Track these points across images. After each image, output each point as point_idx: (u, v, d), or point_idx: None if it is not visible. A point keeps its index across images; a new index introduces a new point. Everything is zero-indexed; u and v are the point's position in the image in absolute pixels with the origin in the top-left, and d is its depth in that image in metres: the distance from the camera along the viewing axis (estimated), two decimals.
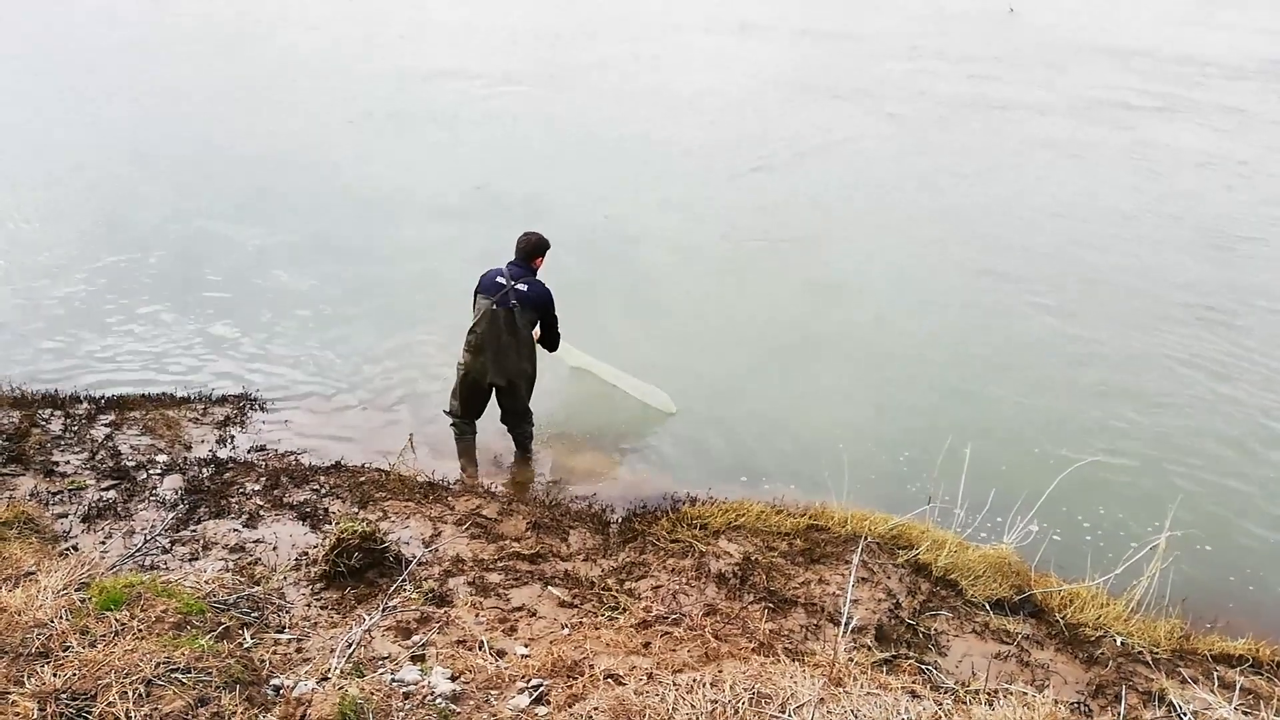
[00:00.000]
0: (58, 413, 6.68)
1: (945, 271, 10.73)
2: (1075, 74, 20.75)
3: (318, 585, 4.74)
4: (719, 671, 3.67)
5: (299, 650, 4.07)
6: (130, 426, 6.60)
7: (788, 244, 11.33)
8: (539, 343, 6.60)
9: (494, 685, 3.74)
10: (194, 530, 5.24)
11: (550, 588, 4.92)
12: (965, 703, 3.73)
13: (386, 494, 5.88)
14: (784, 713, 3.34)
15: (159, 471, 5.96)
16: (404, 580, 4.74)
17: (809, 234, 11.67)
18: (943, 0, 32.06)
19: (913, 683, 4.09)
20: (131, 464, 6.03)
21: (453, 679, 3.75)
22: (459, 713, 3.49)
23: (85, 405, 6.87)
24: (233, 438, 6.71)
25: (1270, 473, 7.27)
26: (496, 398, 6.62)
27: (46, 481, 5.67)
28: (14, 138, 13.97)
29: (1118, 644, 5.00)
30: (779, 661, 3.93)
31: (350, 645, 3.95)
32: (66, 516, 5.28)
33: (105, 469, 5.92)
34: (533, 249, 6.42)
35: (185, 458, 6.25)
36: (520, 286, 6.30)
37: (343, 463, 6.37)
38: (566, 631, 4.47)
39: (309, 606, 4.56)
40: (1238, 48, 23.83)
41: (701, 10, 25.84)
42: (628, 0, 26.77)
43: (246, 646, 3.90)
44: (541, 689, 3.67)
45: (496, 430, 6.87)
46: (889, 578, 5.34)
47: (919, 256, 11.07)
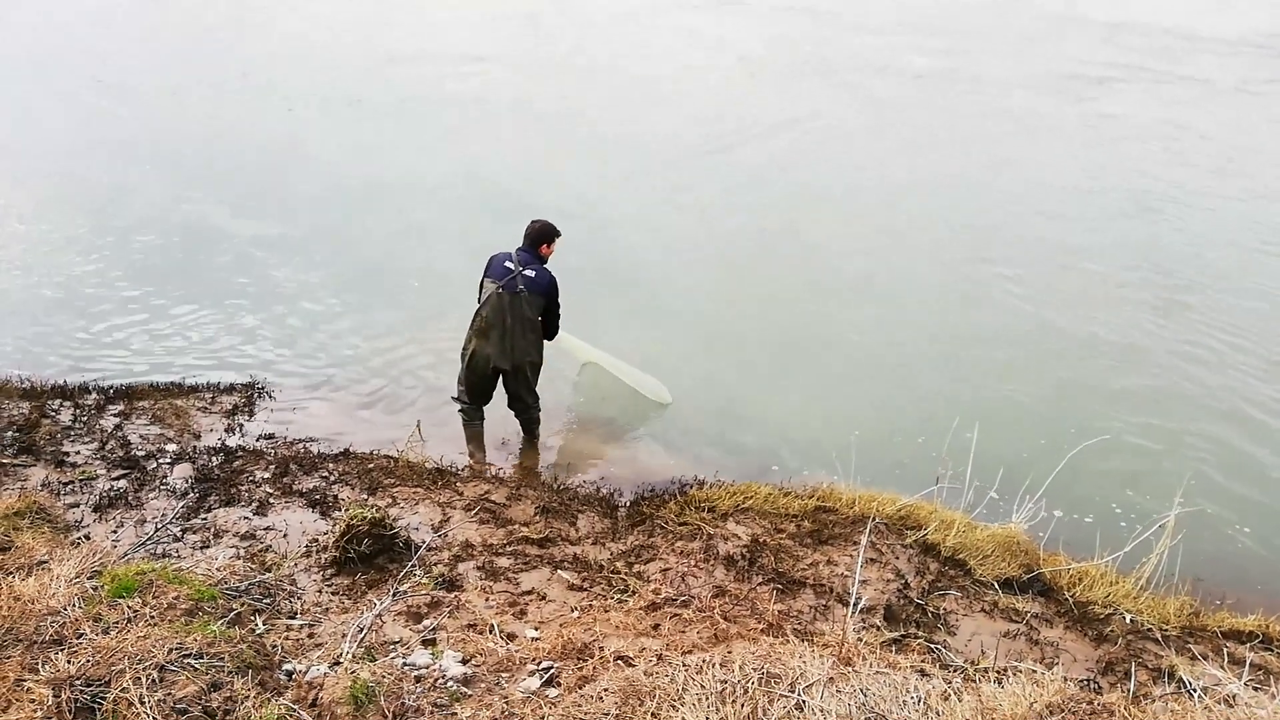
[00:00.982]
0: (67, 403, 6.71)
1: (943, 256, 10.67)
2: (1059, 47, 20.64)
3: (328, 571, 4.77)
4: (728, 652, 3.69)
5: (311, 635, 4.10)
6: (139, 416, 6.63)
7: (774, 230, 11.28)
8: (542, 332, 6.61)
9: (505, 668, 3.76)
10: (204, 518, 5.27)
11: (559, 571, 4.95)
12: (974, 681, 3.74)
13: (395, 480, 5.90)
14: (793, 692, 3.35)
15: (169, 460, 5.99)
16: (414, 565, 4.76)
17: (794, 218, 11.61)
18: None
19: (922, 661, 4.10)
20: (141, 453, 6.06)
21: (464, 662, 3.77)
22: (470, 695, 3.52)
23: (94, 395, 6.90)
24: (241, 426, 6.74)
25: None
26: (503, 382, 6.63)
27: (58, 472, 5.71)
28: (8, 133, 13.98)
29: (1127, 621, 5.01)
30: (788, 642, 3.94)
31: (361, 630, 3.97)
32: (78, 506, 5.32)
33: (115, 459, 5.95)
34: (541, 236, 6.42)
35: (195, 446, 6.28)
36: (528, 272, 6.30)
37: (351, 450, 6.39)
38: (576, 614, 4.49)
39: (320, 592, 4.59)
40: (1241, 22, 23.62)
41: None
42: None
43: (259, 632, 3.93)
44: (552, 671, 3.70)
45: (504, 415, 6.88)
46: (897, 558, 5.34)
47: (912, 243, 10.97)
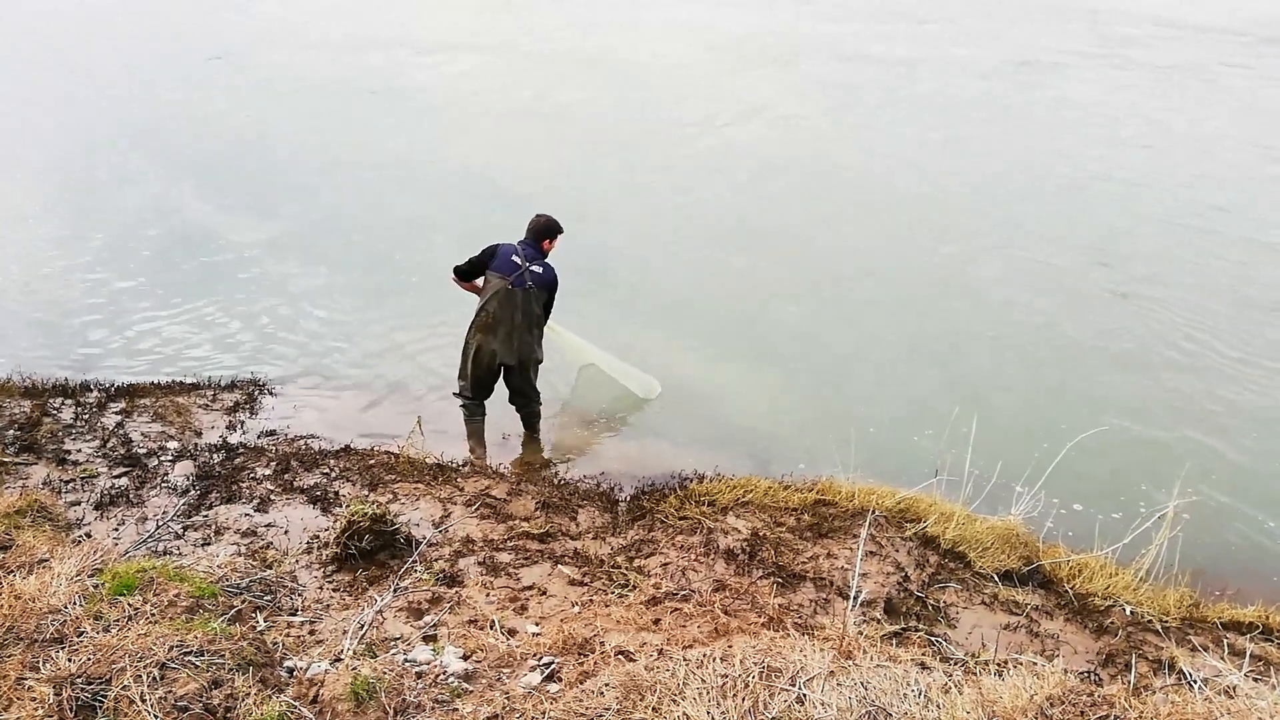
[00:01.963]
0: (68, 401, 6.71)
1: (934, 246, 10.66)
2: (1040, 31, 20.73)
3: (329, 568, 4.77)
4: (729, 646, 3.69)
5: (312, 632, 4.11)
6: (140, 414, 6.64)
7: (763, 221, 11.27)
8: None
9: (506, 663, 3.77)
10: (206, 515, 5.28)
11: (560, 566, 4.95)
12: (975, 673, 3.75)
13: (396, 476, 5.91)
14: (794, 686, 3.36)
15: (170, 458, 6.00)
16: (415, 561, 4.77)
17: (779, 208, 11.62)
18: None
19: (922, 654, 4.10)
20: (143, 451, 6.07)
21: (465, 658, 3.78)
22: (471, 691, 3.52)
23: (95, 393, 6.91)
24: (242, 423, 6.75)
25: None
26: (505, 378, 6.64)
27: (59, 470, 5.71)
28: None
29: (1127, 613, 5.01)
30: (788, 635, 3.95)
31: (362, 626, 3.98)
32: (79, 504, 5.33)
33: (117, 456, 5.96)
34: (545, 231, 6.45)
35: (196, 444, 6.29)
36: (535, 268, 6.32)
37: (352, 446, 6.40)
38: (577, 609, 4.50)
39: (321, 589, 4.59)
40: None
41: None
42: None
43: (259, 629, 3.94)
44: (553, 666, 3.70)
45: (504, 411, 6.89)
46: (897, 551, 5.35)
47: (910, 236, 10.98)
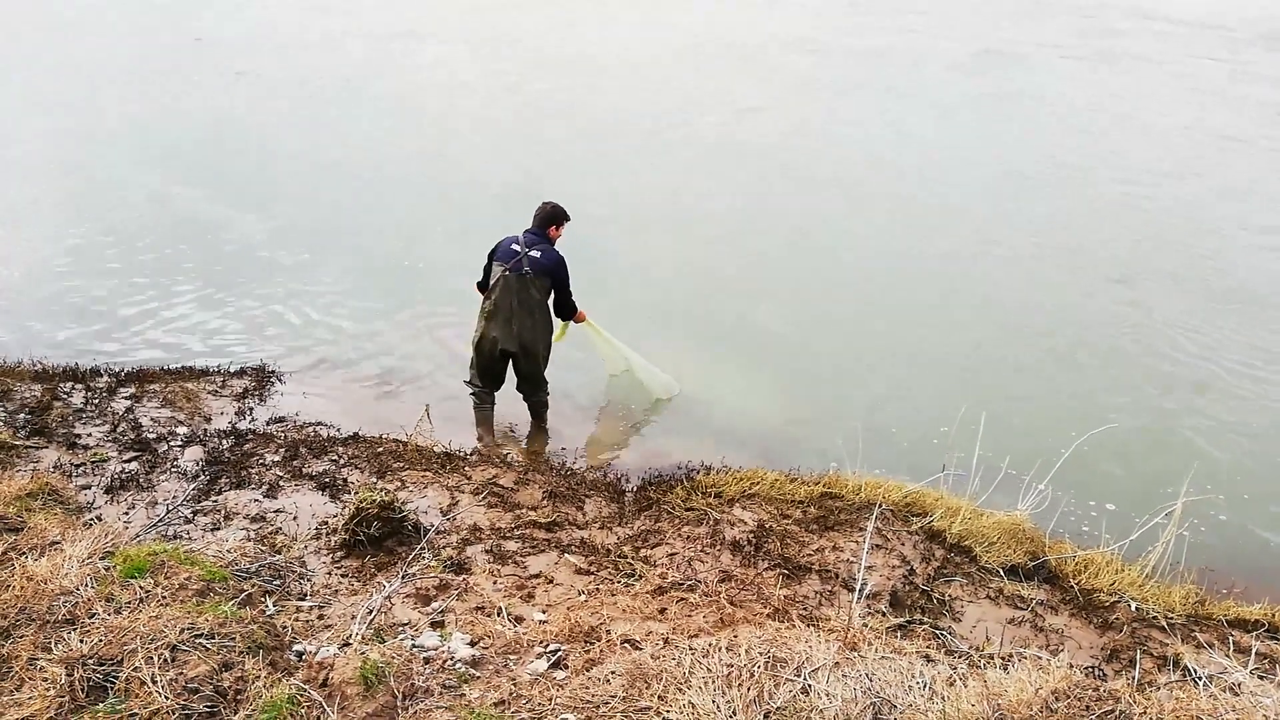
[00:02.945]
0: (79, 386, 6.75)
1: (953, 243, 10.66)
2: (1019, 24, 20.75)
3: (338, 554, 4.80)
4: (734, 636, 3.71)
5: (320, 617, 4.13)
6: (150, 399, 6.67)
7: (765, 211, 11.28)
8: (554, 310, 6.62)
9: (512, 650, 3.79)
10: (215, 501, 5.31)
11: (567, 555, 4.97)
12: (980, 666, 3.76)
13: (404, 464, 5.93)
14: (799, 676, 3.37)
15: (180, 443, 6.03)
16: (423, 548, 4.79)
17: (781, 201, 11.63)
18: None
19: (927, 647, 4.12)
20: (152, 436, 6.10)
21: (472, 644, 3.80)
22: (478, 677, 3.55)
23: (105, 378, 6.94)
24: (252, 409, 6.77)
25: None
26: (512, 365, 6.66)
27: (69, 454, 5.75)
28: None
29: (1132, 609, 5.02)
30: (794, 627, 3.96)
31: (371, 612, 4.01)
32: (90, 488, 5.36)
33: (127, 441, 5.99)
34: (550, 218, 6.48)
35: (205, 429, 6.32)
36: (534, 253, 6.34)
37: (360, 433, 6.42)
38: (583, 598, 4.52)
39: (330, 574, 4.62)
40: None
41: None
42: None
43: (269, 613, 3.96)
44: (559, 654, 3.72)
45: (512, 399, 6.91)
46: (903, 544, 5.36)
47: (916, 230, 10.98)
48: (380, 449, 6.15)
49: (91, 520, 4.85)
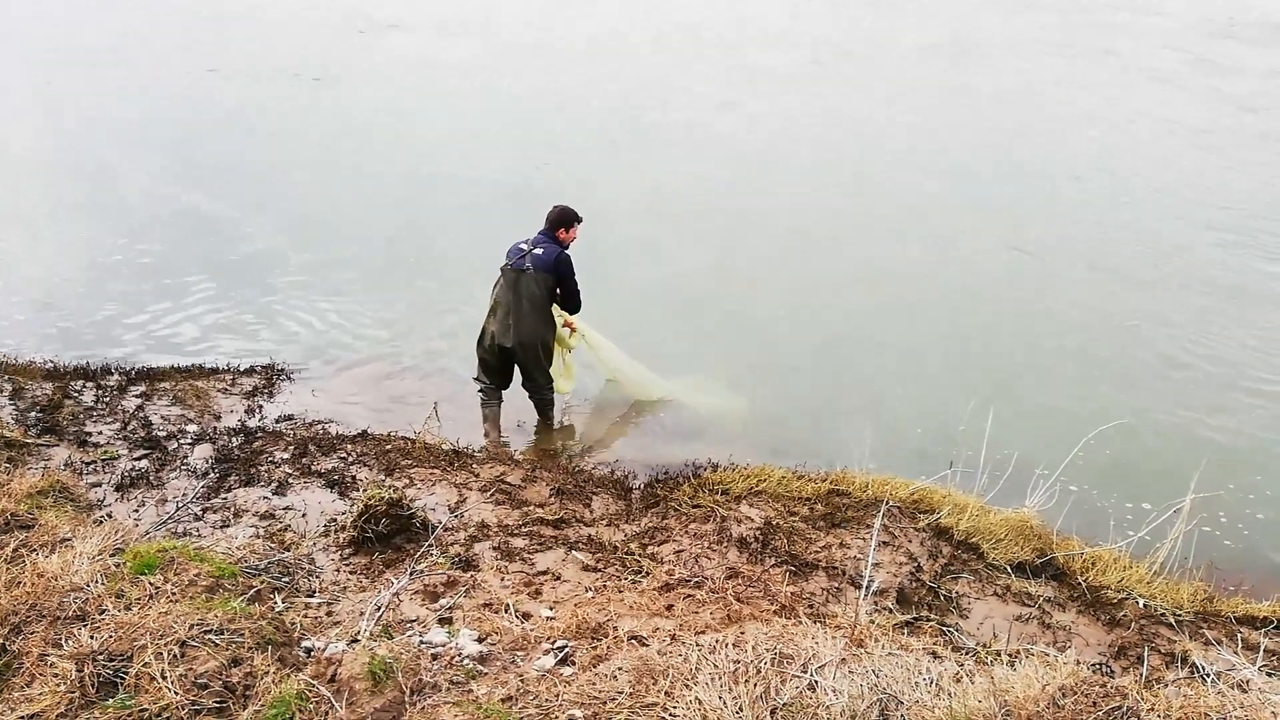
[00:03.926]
0: (89, 384, 6.79)
1: (958, 240, 10.64)
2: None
3: (346, 551, 4.82)
4: (741, 633, 3.71)
5: (329, 613, 4.15)
6: (160, 397, 6.71)
7: (769, 210, 11.29)
8: (560, 307, 6.64)
9: (520, 646, 3.80)
10: (225, 498, 5.33)
11: (574, 552, 4.98)
12: (987, 663, 3.76)
13: (412, 461, 5.95)
14: (806, 673, 3.38)
15: (189, 441, 6.06)
16: (430, 545, 4.81)
17: (781, 197, 11.63)
18: None
19: (934, 644, 4.12)
20: (162, 434, 6.13)
21: (480, 640, 3.81)
22: (486, 673, 3.56)
23: (116, 377, 6.98)
24: (261, 407, 6.81)
25: None
26: (516, 362, 6.68)
27: (80, 451, 5.78)
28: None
29: (1140, 606, 5.00)
30: (801, 623, 3.96)
31: (379, 608, 4.02)
32: (100, 485, 5.39)
33: (137, 439, 6.02)
34: (560, 220, 6.55)
35: (215, 427, 6.35)
36: (537, 251, 6.39)
37: (369, 431, 6.45)
38: (590, 594, 4.53)
39: (338, 571, 4.64)
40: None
41: None
42: None
43: (278, 610, 3.98)
44: (566, 650, 3.73)
45: (520, 398, 6.92)
46: (910, 541, 5.36)
47: (923, 227, 10.98)
48: (389, 446, 6.18)
49: (102, 517, 4.88)
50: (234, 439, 6.13)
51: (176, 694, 3.11)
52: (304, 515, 5.24)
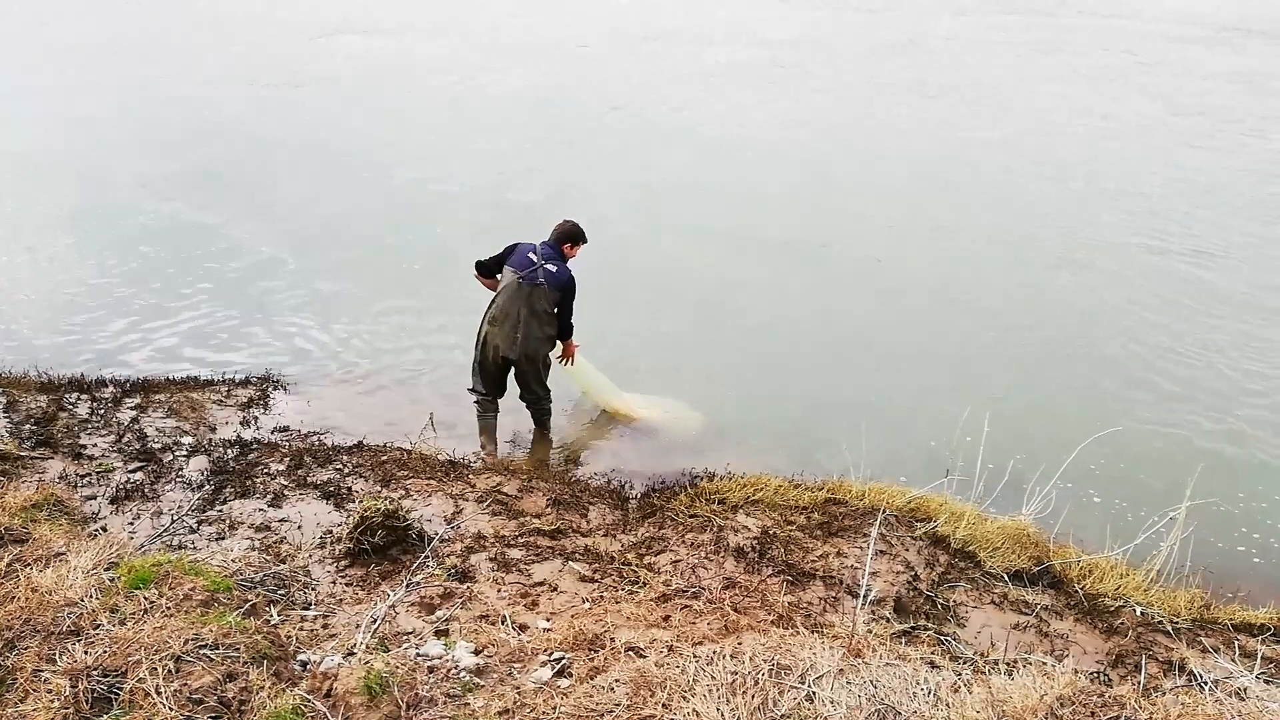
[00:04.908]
0: (84, 396, 6.77)
1: (954, 243, 10.67)
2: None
3: (342, 563, 4.80)
4: (739, 643, 3.71)
5: (325, 626, 4.13)
6: (155, 409, 6.69)
7: (762, 224, 11.31)
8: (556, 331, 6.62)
9: (517, 658, 3.79)
10: (220, 510, 5.31)
11: (571, 563, 4.97)
12: (984, 672, 3.75)
13: (408, 473, 5.94)
14: (803, 683, 3.37)
15: (185, 453, 6.04)
16: (427, 557, 4.80)
17: (789, 210, 11.65)
18: None
19: (931, 653, 4.12)
20: (157, 446, 6.11)
21: (476, 653, 3.80)
22: (483, 686, 3.55)
23: (111, 389, 6.96)
24: (256, 419, 6.79)
25: None
26: (515, 373, 6.66)
27: (74, 464, 5.76)
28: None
29: (1137, 614, 5.00)
30: (798, 633, 3.96)
31: (375, 621, 4.01)
32: (95, 498, 5.36)
33: (132, 451, 6.00)
34: (567, 235, 6.52)
35: (210, 439, 6.33)
36: (550, 267, 6.35)
37: (365, 442, 6.43)
38: (587, 605, 4.51)
39: (334, 583, 4.62)
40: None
41: None
42: None
43: (273, 623, 3.97)
44: (563, 662, 3.73)
45: (516, 408, 6.91)
46: (907, 550, 5.35)
47: (920, 231, 11.00)
48: (385, 457, 6.16)
49: (96, 531, 4.86)
50: (229, 451, 6.11)
51: (171, 710, 3.10)
52: (300, 527, 5.21)
